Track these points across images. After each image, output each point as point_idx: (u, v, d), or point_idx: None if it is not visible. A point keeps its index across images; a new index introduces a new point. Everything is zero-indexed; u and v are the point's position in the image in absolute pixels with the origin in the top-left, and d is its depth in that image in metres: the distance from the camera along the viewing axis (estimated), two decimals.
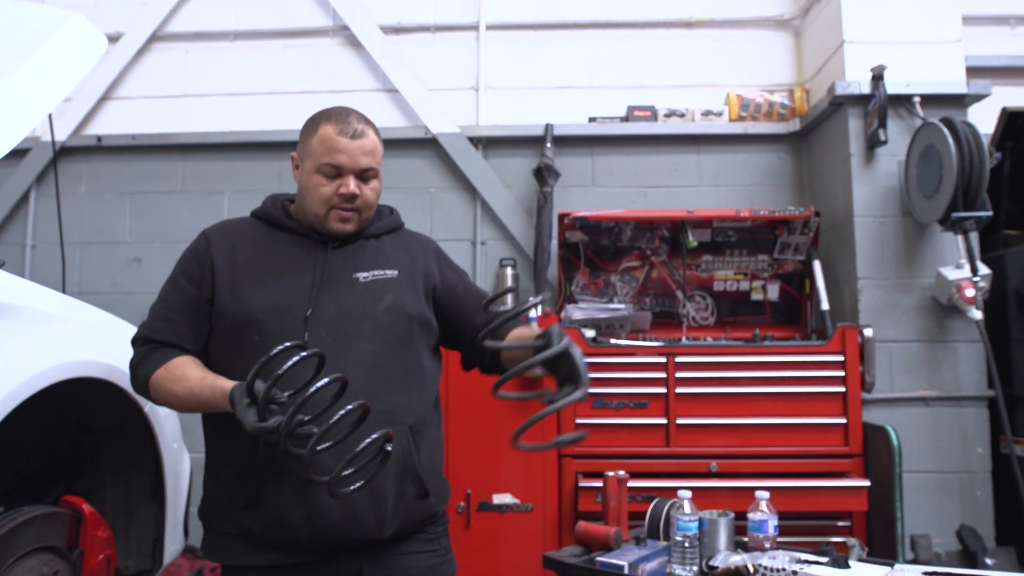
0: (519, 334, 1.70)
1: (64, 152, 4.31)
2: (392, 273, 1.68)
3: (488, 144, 4.14)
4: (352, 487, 1.38)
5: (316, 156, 1.63)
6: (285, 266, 1.65)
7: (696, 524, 2.16)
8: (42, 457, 2.45)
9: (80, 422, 2.46)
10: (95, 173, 4.32)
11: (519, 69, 4.22)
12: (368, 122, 1.68)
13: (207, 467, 1.66)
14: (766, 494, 2.17)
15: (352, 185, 1.62)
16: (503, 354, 1.72)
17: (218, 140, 4.21)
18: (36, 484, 2.44)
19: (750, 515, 2.16)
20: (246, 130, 4.20)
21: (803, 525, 3.06)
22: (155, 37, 4.36)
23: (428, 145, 4.15)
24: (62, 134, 4.28)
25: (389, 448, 1.39)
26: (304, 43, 4.31)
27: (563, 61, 4.21)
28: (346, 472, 1.36)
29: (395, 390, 1.61)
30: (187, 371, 1.55)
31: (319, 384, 1.30)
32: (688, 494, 2.23)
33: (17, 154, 4.27)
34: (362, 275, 1.66)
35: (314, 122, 1.67)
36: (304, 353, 1.32)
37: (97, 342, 2.20)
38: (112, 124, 4.34)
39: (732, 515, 2.22)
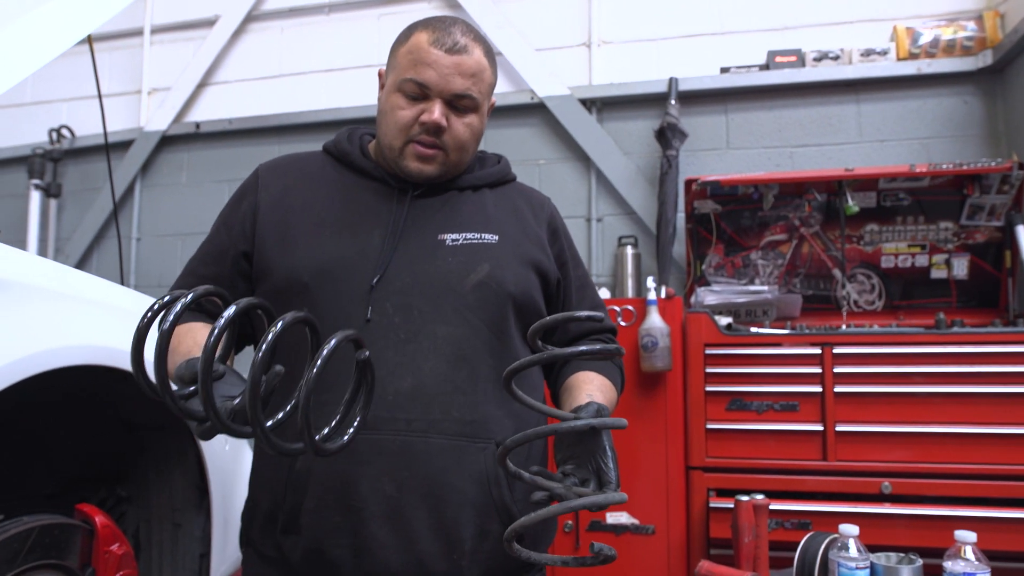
0: (580, 382, 1.23)
1: (165, 141, 4.21)
2: (491, 238, 1.27)
3: (603, 106, 3.62)
4: (341, 441, 0.94)
5: (400, 70, 1.23)
6: (350, 217, 1.24)
7: (866, 572, 1.58)
8: (85, 458, 2.19)
9: (123, 419, 2.18)
10: (195, 161, 4.19)
11: (637, 19, 3.66)
12: (479, 39, 1.26)
13: (252, 467, 1.29)
14: (971, 536, 1.53)
15: (437, 112, 1.20)
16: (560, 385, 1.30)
17: (313, 119, 3.95)
18: (80, 487, 2.19)
19: (948, 565, 1.53)
20: (341, 107, 3.91)
21: (1012, 569, 2.34)
22: (250, 17, 4.18)
23: (535, 111, 3.68)
24: (163, 123, 4.18)
25: (366, 355, 0.93)
26: (400, 9, 3.96)
27: (689, 5, 3.61)
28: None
29: (482, 395, 1.17)
30: (184, 338, 1.16)
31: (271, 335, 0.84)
32: (854, 530, 1.63)
33: (122, 146, 4.20)
34: (450, 236, 1.25)
35: (409, 29, 1.28)
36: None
37: (111, 325, 1.88)
38: (211, 110, 4.20)
39: (919, 563, 1.60)
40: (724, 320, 2.84)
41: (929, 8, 3.34)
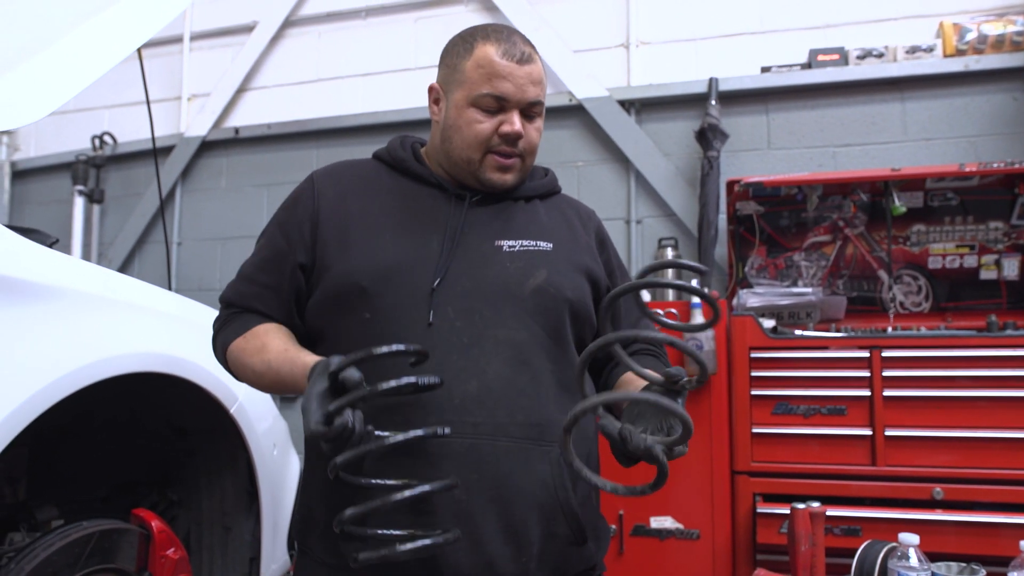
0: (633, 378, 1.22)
1: (205, 146, 4.26)
2: (546, 245, 1.29)
3: (642, 107, 3.60)
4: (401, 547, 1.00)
5: (472, 84, 1.25)
6: (408, 222, 1.26)
7: None
8: (137, 462, 2.22)
9: (173, 424, 2.21)
10: (234, 166, 4.24)
11: (676, 19, 3.63)
12: (533, 46, 1.31)
13: (302, 475, 1.30)
14: None
15: (518, 122, 1.25)
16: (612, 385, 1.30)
17: (351, 123, 3.98)
18: (132, 491, 2.22)
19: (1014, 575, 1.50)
20: (379, 110, 3.93)
21: None
22: (288, 23, 4.22)
23: (573, 113, 3.67)
24: (202, 128, 4.23)
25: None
26: (437, 13, 3.97)
27: (728, 4, 3.57)
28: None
29: (544, 398, 1.18)
30: (268, 341, 1.20)
31: (394, 383, 0.98)
32: (914, 539, 1.60)
33: (163, 152, 4.25)
34: (507, 243, 1.27)
35: (467, 41, 1.28)
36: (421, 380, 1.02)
37: (162, 331, 1.91)
38: (249, 115, 4.24)
39: (983, 573, 1.57)
40: (768, 323, 2.81)
41: (976, 3, 3.27)
